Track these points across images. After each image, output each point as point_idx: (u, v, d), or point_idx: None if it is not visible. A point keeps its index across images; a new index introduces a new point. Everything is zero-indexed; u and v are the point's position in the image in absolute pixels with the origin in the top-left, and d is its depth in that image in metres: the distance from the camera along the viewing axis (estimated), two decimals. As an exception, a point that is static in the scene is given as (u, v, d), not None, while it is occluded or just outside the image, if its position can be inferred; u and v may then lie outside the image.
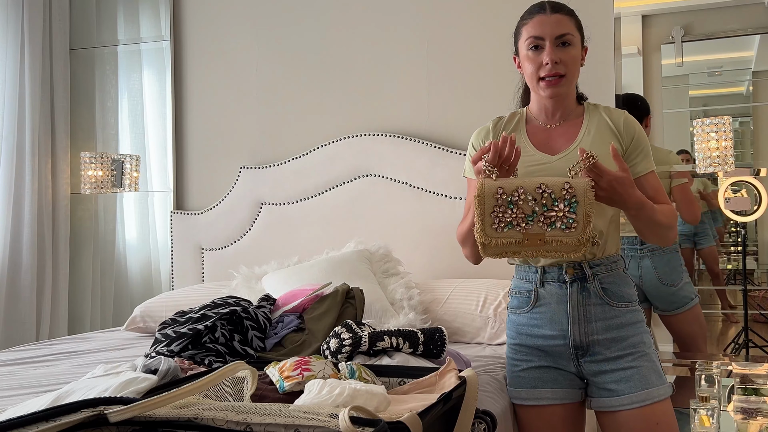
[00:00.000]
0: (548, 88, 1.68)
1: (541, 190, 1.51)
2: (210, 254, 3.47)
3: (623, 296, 1.71)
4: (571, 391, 1.75)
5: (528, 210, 1.51)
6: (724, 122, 2.64)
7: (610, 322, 1.68)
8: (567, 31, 1.67)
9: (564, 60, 1.66)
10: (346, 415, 1.00)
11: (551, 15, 1.68)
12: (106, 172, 3.57)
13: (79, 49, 3.89)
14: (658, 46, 2.84)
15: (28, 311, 3.57)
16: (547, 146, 1.76)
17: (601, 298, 1.69)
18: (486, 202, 1.52)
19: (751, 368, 2.58)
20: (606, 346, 1.68)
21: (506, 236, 1.51)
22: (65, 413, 1.02)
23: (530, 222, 1.51)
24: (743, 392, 2.41)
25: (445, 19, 3.16)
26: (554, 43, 1.66)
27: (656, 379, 1.67)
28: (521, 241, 1.51)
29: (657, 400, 1.65)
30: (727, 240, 2.90)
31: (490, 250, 1.53)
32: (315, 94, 3.37)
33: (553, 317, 1.71)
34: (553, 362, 1.74)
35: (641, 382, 1.65)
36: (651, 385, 1.65)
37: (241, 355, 1.94)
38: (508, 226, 1.51)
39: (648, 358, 1.68)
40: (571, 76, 1.70)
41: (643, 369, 1.66)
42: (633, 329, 1.70)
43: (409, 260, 2.89)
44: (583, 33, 1.75)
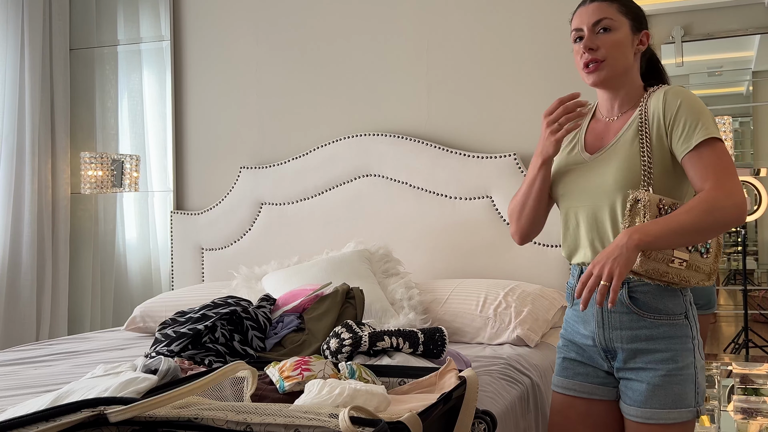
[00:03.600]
0: (589, 74, 1.63)
1: None
2: (210, 254, 3.47)
3: (659, 308, 1.57)
4: (602, 389, 1.68)
5: None
6: (724, 122, 2.64)
7: (637, 332, 1.59)
8: (604, 16, 1.61)
9: (602, 45, 1.60)
10: (346, 415, 1.00)
11: (590, 5, 1.65)
12: (106, 172, 3.57)
13: (79, 49, 3.89)
14: (658, 46, 2.84)
15: (28, 311, 3.57)
16: (596, 143, 1.68)
17: (628, 307, 1.59)
18: (650, 211, 1.49)
19: (751, 368, 2.58)
20: (631, 356, 1.60)
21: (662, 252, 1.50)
22: (65, 413, 1.02)
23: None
24: (743, 392, 2.41)
25: (445, 19, 3.16)
26: (593, 31, 1.62)
27: (672, 401, 1.56)
28: (671, 258, 1.50)
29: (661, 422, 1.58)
30: (727, 240, 2.90)
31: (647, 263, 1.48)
32: (315, 94, 3.37)
33: (585, 317, 1.67)
34: (588, 359, 1.69)
35: (653, 400, 1.57)
36: (661, 406, 1.57)
37: (241, 355, 1.94)
38: None
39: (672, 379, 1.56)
40: (613, 60, 1.60)
41: (659, 389, 1.57)
42: (666, 344, 1.57)
43: (409, 260, 2.89)
44: (637, 16, 1.66)
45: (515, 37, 3.05)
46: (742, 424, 2.28)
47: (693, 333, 1.59)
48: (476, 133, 3.09)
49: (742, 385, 2.48)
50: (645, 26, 1.66)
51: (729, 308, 2.85)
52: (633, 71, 1.65)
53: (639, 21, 1.65)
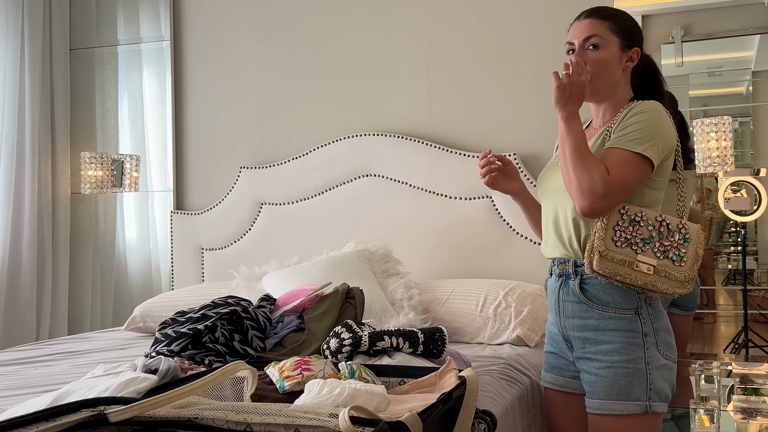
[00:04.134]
0: None
1: (660, 220, 1.62)
2: (210, 254, 3.47)
3: (607, 301, 1.67)
4: (573, 382, 1.78)
5: (646, 234, 1.61)
6: (724, 122, 2.64)
7: (586, 322, 1.69)
8: (593, 34, 1.71)
9: (588, 62, 1.69)
10: (346, 415, 1.00)
11: (583, 20, 1.75)
12: (106, 172, 3.57)
13: (79, 49, 3.89)
14: (658, 46, 2.84)
15: (28, 311, 3.57)
16: None
17: (578, 297, 1.70)
18: (611, 217, 1.61)
19: (751, 368, 2.58)
20: (581, 344, 1.71)
21: (622, 253, 1.59)
22: (65, 413, 1.02)
23: (647, 245, 1.60)
24: (743, 392, 2.41)
25: (445, 19, 3.16)
26: (583, 47, 1.72)
27: (617, 393, 1.64)
28: (634, 262, 1.58)
29: (606, 413, 1.65)
30: (727, 240, 2.90)
31: (605, 264, 1.59)
32: (315, 94, 3.37)
33: (551, 307, 1.81)
34: (559, 351, 1.80)
35: (600, 391, 1.66)
36: (607, 397, 1.65)
37: (241, 355, 1.94)
38: (627, 243, 1.60)
39: (618, 371, 1.64)
40: (597, 77, 1.70)
41: (606, 380, 1.65)
42: (612, 336, 1.66)
43: (409, 260, 2.89)
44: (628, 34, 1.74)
45: (515, 36, 3.05)
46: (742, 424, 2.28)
47: (645, 330, 1.65)
48: (476, 133, 3.09)
49: (742, 385, 2.47)
50: (637, 43, 1.75)
51: (729, 308, 2.85)
52: (620, 85, 1.74)
53: (630, 39, 1.74)
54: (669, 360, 1.67)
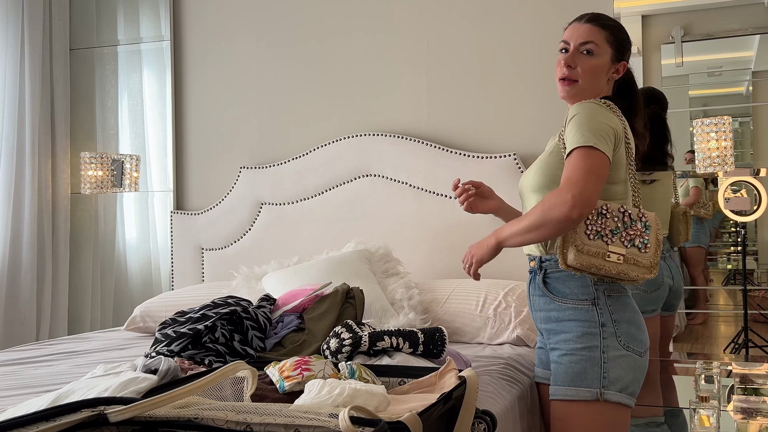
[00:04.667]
0: (561, 88, 1.79)
1: (623, 210, 1.68)
2: (210, 254, 3.47)
3: (566, 292, 1.74)
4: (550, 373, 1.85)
5: (613, 225, 1.67)
6: (723, 122, 2.64)
7: (548, 314, 1.77)
8: (591, 40, 1.74)
9: (580, 66, 1.75)
10: (346, 415, 1.00)
11: (583, 24, 1.78)
12: (106, 172, 3.57)
13: (79, 49, 3.89)
14: (658, 46, 2.84)
15: (28, 311, 3.57)
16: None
17: (542, 290, 1.78)
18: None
19: (751, 368, 2.58)
20: (547, 335, 1.80)
21: (595, 245, 1.65)
22: (65, 413, 1.02)
23: (615, 235, 1.66)
24: (743, 392, 2.41)
25: (445, 19, 3.16)
26: (578, 50, 1.76)
27: (570, 379, 1.71)
28: (606, 253, 1.64)
29: (560, 398, 1.73)
30: (727, 240, 2.90)
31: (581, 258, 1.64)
32: (315, 94, 3.37)
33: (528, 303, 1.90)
34: (542, 344, 1.90)
35: (558, 377, 1.74)
36: (562, 383, 1.73)
37: (241, 355, 1.94)
38: (598, 235, 1.66)
39: (573, 358, 1.71)
40: (586, 83, 1.75)
41: (562, 366, 1.73)
42: (570, 326, 1.72)
43: (409, 260, 2.89)
44: (622, 48, 1.78)
45: (515, 36, 3.05)
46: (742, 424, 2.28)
47: (602, 320, 1.71)
48: (476, 133, 3.09)
49: (741, 385, 2.48)
50: (626, 58, 1.81)
51: (729, 308, 2.85)
52: (601, 93, 1.79)
53: (621, 52, 1.79)
54: (631, 351, 1.71)
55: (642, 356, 1.73)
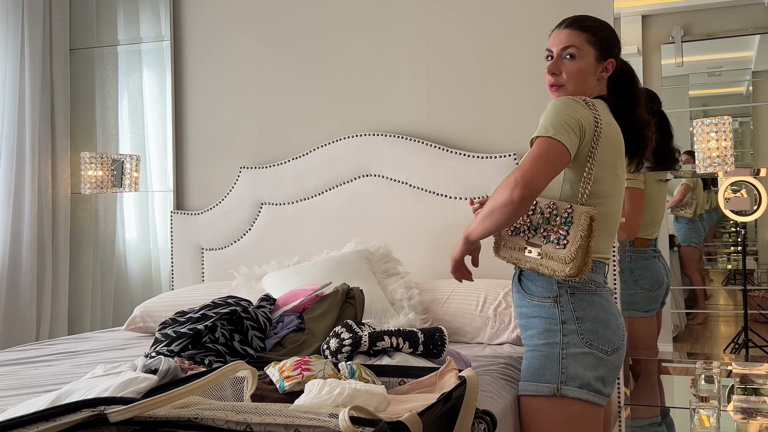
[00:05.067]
0: (551, 94, 1.84)
1: (550, 206, 1.73)
2: (210, 254, 3.47)
3: (533, 290, 1.80)
4: None
5: (536, 221, 1.74)
6: (723, 122, 2.64)
7: (521, 310, 1.85)
8: (570, 44, 1.79)
9: (565, 71, 1.79)
10: (346, 415, 1.00)
11: (563, 30, 1.83)
12: (106, 172, 3.57)
13: (79, 49, 3.89)
14: (658, 46, 2.84)
15: (28, 311, 3.57)
16: None
17: (517, 287, 1.86)
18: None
19: (751, 368, 2.58)
20: (522, 331, 1.87)
21: (513, 241, 1.78)
22: (65, 413, 1.02)
23: (533, 232, 1.74)
24: (743, 392, 2.41)
25: (445, 19, 3.16)
26: (560, 55, 1.81)
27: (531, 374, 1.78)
28: (524, 247, 1.75)
29: (523, 393, 1.81)
30: (727, 240, 2.90)
31: (503, 252, 1.82)
32: (315, 94, 3.37)
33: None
34: None
35: (523, 372, 1.83)
36: (525, 378, 1.81)
37: (241, 355, 1.94)
38: (516, 231, 1.77)
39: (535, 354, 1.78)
40: (571, 87, 1.79)
41: (526, 362, 1.81)
42: (535, 322, 1.79)
43: (409, 260, 2.89)
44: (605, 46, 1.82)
45: (515, 37, 3.05)
46: (742, 424, 2.28)
47: (563, 317, 1.75)
48: (476, 133, 3.09)
49: (742, 385, 2.48)
50: (613, 54, 1.84)
51: (729, 308, 2.85)
52: (593, 93, 1.82)
53: (606, 50, 1.82)
54: (595, 349, 1.73)
55: (610, 355, 1.74)
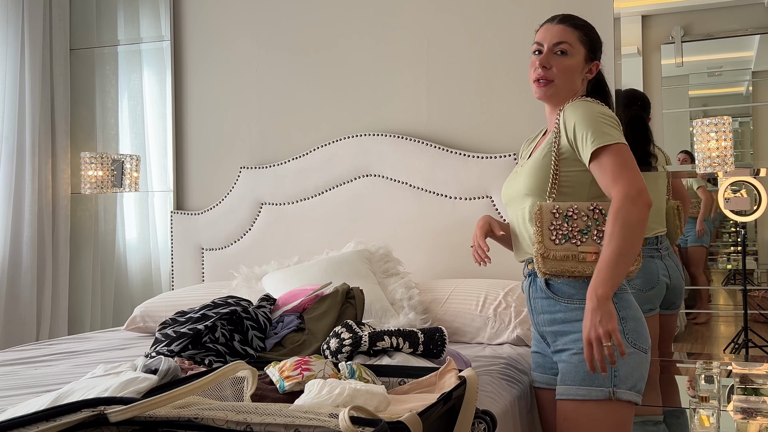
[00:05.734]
0: (537, 88, 1.82)
1: (592, 207, 1.69)
2: (210, 254, 3.47)
3: (571, 293, 1.72)
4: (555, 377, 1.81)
5: (582, 225, 1.68)
6: (723, 122, 2.64)
7: (554, 316, 1.75)
8: (564, 40, 1.77)
9: (556, 66, 1.78)
10: (346, 415, 1.00)
11: (556, 25, 1.81)
12: (106, 172, 3.57)
13: (79, 49, 3.89)
14: (658, 46, 2.84)
15: (28, 311, 3.57)
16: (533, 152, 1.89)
17: (545, 293, 1.76)
18: (544, 218, 1.70)
19: (751, 368, 2.58)
20: (553, 338, 1.77)
21: (563, 249, 1.67)
22: (65, 413, 1.02)
23: (585, 235, 1.67)
24: (743, 392, 2.41)
25: (445, 19, 3.16)
26: (552, 50, 1.79)
27: (581, 379, 1.68)
28: (577, 255, 1.66)
29: (570, 398, 1.70)
30: (727, 240, 2.90)
31: (549, 264, 1.68)
32: (315, 94, 3.37)
33: (527, 306, 1.88)
34: (541, 348, 1.88)
35: (567, 377, 1.72)
36: (572, 383, 1.70)
37: (241, 355, 1.94)
38: (565, 238, 1.68)
39: (582, 358, 1.66)
40: (561, 83, 1.78)
41: (572, 366, 1.71)
42: (579, 326, 1.68)
43: (409, 260, 2.89)
44: (594, 47, 1.82)
45: (515, 36, 3.05)
46: (742, 424, 2.28)
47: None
48: (476, 133, 3.09)
49: (741, 385, 2.48)
50: (598, 57, 1.84)
51: (729, 308, 2.85)
52: (576, 93, 1.81)
53: (594, 51, 1.82)
54: (638, 349, 1.70)
55: (647, 353, 1.72)
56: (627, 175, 1.60)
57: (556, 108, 1.83)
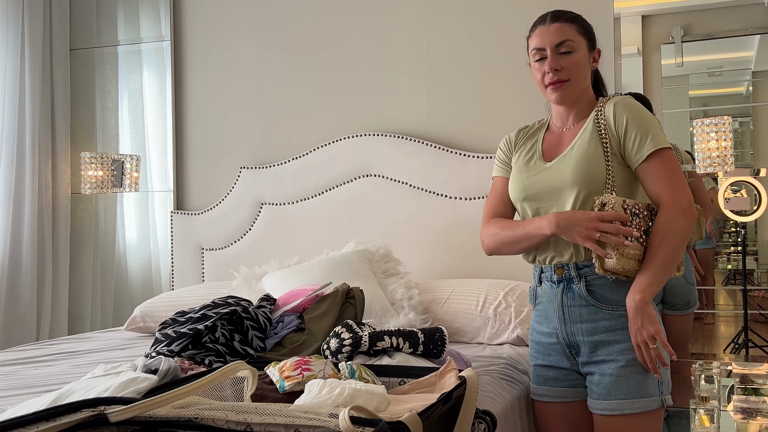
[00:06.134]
0: (554, 92, 1.73)
1: (651, 208, 1.63)
2: (210, 254, 3.47)
3: (616, 299, 1.65)
4: (572, 391, 1.76)
5: (645, 225, 1.61)
6: (723, 122, 2.64)
7: (596, 324, 1.66)
8: (566, 39, 1.72)
9: (566, 66, 1.71)
10: (346, 415, 1.00)
11: (550, 25, 1.75)
12: (106, 172, 3.57)
13: (79, 49, 3.89)
14: (658, 46, 2.84)
15: (28, 311, 3.57)
16: (552, 152, 1.79)
17: (586, 300, 1.67)
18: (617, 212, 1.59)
19: (751, 368, 2.58)
20: (591, 348, 1.68)
21: (634, 248, 1.58)
22: (65, 413, 1.02)
23: (646, 236, 1.61)
24: (743, 392, 2.41)
25: (445, 19, 3.16)
26: (555, 51, 1.72)
27: (634, 390, 1.62)
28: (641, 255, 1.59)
29: (624, 413, 1.63)
30: (727, 240, 2.90)
31: (623, 261, 1.56)
32: (315, 94, 3.37)
33: (547, 315, 1.76)
34: (553, 361, 1.77)
35: (615, 391, 1.64)
36: (624, 396, 1.63)
37: (241, 355, 1.94)
38: (633, 239, 1.58)
39: (633, 369, 1.63)
40: (576, 80, 1.72)
41: (621, 379, 1.63)
42: (625, 334, 1.63)
43: (409, 260, 2.89)
44: (592, 36, 1.78)
45: (515, 36, 3.05)
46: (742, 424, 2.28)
47: None
48: (476, 133, 3.09)
49: (742, 385, 2.47)
50: (596, 44, 1.80)
51: (729, 308, 2.85)
52: (588, 86, 1.79)
53: (593, 40, 1.78)
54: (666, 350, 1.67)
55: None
56: (680, 186, 1.60)
57: (572, 107, 1.77)
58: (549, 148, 1.80)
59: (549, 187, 1.73)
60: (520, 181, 1.79)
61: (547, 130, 1.86)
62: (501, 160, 1.92)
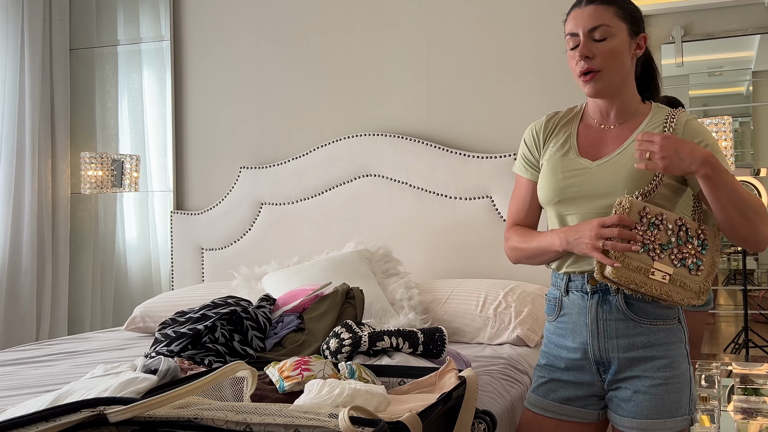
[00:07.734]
0: (586, 84, 1.55)
1: (680, 224, 1.49)
2: (210, 254, 3.47)
3: (655, 312, 1.53)
4: (582, 411, 1.62)
5: (665, 239, 1.48)
6: (724, 122, 2.64)
7: (634, 340, 1.53)
8: (600, 23, 1.52)
9: (599, 53, 1.52)
10: (346, 415, 1.00)
11: (585, 8, 1.55)
12: (106, 172, 3.57)
13: (79, 49, 3.89)
14: (658, 46, 2.84)
15: (28, 311, 3.57)
16: (592, 150, 1.60)
17: (624, 314, 1.53)
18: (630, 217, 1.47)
19: (751, 368, 2.57)
20: (627, 365, 1.55)
21: (639, 260, 1.45)
22: (65, 413, 1.02)
23: (664, 251, 1.47)
24: (743, 392, 2.41)
25: (445, 18, 3.16)
26: (589, 37, 1.53)
27: (668, 410, 1.52)
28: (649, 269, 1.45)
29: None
30: (727, 240, 2.90)
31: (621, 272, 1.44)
32: (315, 95, 3.37)
33: (574, 328, 1.59)
34: (573, 377, 1.61)
35: (647, 410, 1.53)
36: (659, 416, 1.52)
37: (241, 355, 1.94)
38: (645, 248, 1.46)
39: (669, 387, 1.52)
40: (610, 71, 1.53)
41: (656, 398, 1.52)
42: (663, 350, 1.52)
43: (409, 260, 2.89)
44: (635, 19, 1.57)
45: (515, 36, 3.05)
46: (742, 424, 2.28)
47: (686, 337, 1.57)
48: (476, 133, 3.09)
49: (742, 385, 2.47)
50: (642, 29, 1.59)
51: (729, 308, 2.85)
52: (630, 78, 1.59)
53: (637, 24, 1.57)
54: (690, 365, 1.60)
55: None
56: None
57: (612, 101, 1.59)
58: (588, 146, 1.61)
59: (595, 191, 1.55)
60: (555, 182, 1.60)
61: (581, 121, 1.66)
62: (525, 158, 1.70)
